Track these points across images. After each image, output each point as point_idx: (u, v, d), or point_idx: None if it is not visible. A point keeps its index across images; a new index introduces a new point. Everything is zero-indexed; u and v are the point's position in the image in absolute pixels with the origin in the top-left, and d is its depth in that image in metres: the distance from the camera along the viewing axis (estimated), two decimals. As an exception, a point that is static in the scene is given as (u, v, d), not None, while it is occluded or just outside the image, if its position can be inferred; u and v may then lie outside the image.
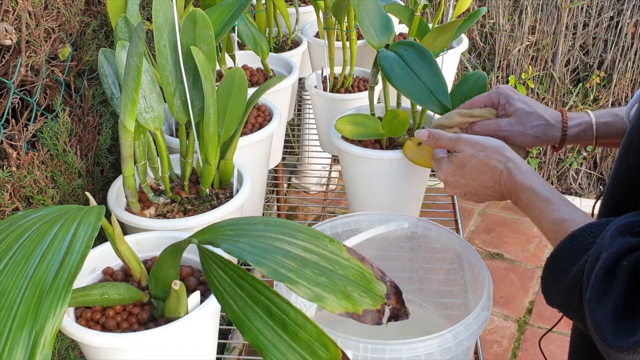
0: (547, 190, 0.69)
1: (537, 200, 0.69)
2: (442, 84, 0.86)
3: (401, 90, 0.87)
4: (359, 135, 0.97)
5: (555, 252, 0.61)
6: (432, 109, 0.86)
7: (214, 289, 0.53)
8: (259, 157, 1.02)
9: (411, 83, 0.87)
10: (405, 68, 0.88)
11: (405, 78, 0.87)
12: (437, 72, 0.86)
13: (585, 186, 2.58)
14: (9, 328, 0.41)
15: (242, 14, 0.86)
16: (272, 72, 1.24)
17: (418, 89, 0.86)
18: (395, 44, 0.91)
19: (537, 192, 0.69)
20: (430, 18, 2.43)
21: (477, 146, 0.77)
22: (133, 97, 0.66)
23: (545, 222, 0.67)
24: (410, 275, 0.96)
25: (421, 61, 0.87)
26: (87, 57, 0.93)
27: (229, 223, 0.57)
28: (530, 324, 1.96)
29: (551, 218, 0.67)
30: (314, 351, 0.46)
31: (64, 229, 0.49)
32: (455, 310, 0.89)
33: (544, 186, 0.70)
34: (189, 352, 0.63)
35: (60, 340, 0.86)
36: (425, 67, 0.87)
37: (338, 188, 2.13)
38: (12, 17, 0.73)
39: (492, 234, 2.38)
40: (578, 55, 2.41)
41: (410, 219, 0.89)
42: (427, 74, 0.87)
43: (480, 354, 0.89)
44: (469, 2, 1.15)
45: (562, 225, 0.64)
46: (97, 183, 0.95)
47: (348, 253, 0.53)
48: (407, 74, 0.87)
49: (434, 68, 0.87)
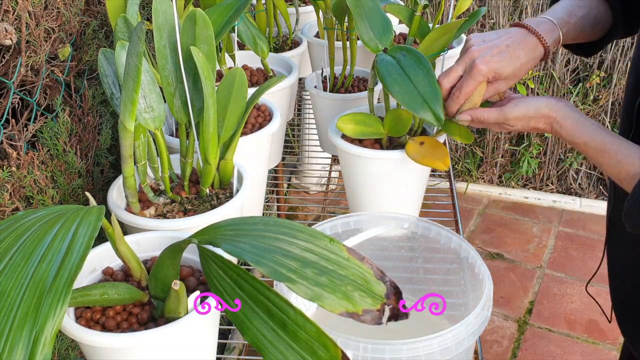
0: (598, 139, 0.74)
1: (591, 152, 0.75)
2: (436, 93, 0.85)
3: (395, 97, 0.86)
4: (361, 134, 0.97)
5: (633, 195, 0.69)
6: (425, 117, 0.86)
7: (214, 289, 0.53)
8: (259, 157, 1.02)
9: (406, 90, 0.86)
10: (401, 74, 0.87)
11: (400, 84, 0.86)
12: (433, 80, 0.86)
13: (585, 186, 2.58)
14: (9, 328, 0.41)
15: (242, 14, 0.86)
16: (272, 72, 1.24)
17: (412, 97, 0.86)
18: (394, 48, 0.90)
19: (588, 145, 0.75)
20: (431, 18, 2.43)
21: (524, 119, 0.80)
22: (133, 97, 0.66)
23: (606, 168, 0.74)
24: (410, 275, 0.96)
25: (418, 68, 0.87)
26: (87, 57, 0.93)
27: (229, 223, 0.57)
28: (530, 324, 1.96)
29: (609, 164, 0.73)
30: (313, 351, 0.46)
31: (64, 229, 0.49)
32: (455, 310, 0.89)
33: (595, 136, 0.75)
34: (189, 352, 0.63)
35: (60, 340, 0.86)
36: (421, 74, 0.86)
37: (338, 188, 2.13)
38: (12, 17, 0.73)
39: (492, 234, 2.38)
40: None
41: (410, 219, 0.89)
42: (423, 82, 0.86)
43: (480, 354, 0.89)
44: (469, 2, 1.14)
45: (622, 169, 0.72)
46: (97, 183, 0.95)
47: (348, 253, 0.53)
48: (402, 80, 0.86)
49: (430, 76, 0.86)
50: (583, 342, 1.89)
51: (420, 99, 0.85)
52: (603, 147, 0.73)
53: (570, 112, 0.77)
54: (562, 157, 2.57)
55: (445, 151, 0.93)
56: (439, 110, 0.85)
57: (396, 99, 0.86)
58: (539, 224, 2.44)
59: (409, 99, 0.85)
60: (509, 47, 0.80)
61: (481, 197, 2.63)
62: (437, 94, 0.85)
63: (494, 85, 0.82)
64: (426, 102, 0.85)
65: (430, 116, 0.85)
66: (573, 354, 1.85)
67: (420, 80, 0.86)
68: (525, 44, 0.81)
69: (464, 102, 0.83)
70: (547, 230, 2.40)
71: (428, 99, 0.85)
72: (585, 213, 2.51)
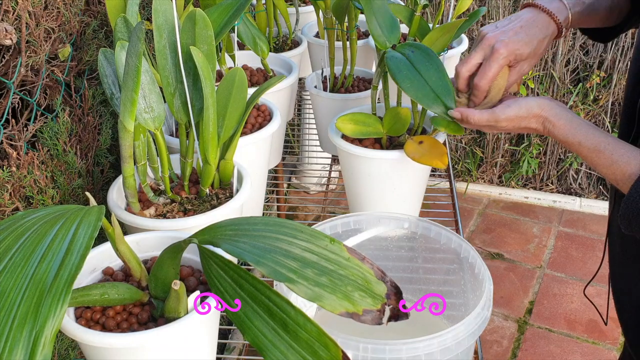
0: (592, 139, 0.73)
1: (586, 152, 0.74)
2: (448, 86, 0.86)
3: (408, 92, 0.86)
4: (360, 134, 0.97)
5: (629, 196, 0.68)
6: (438, 111, 0.86)
7: (214, 288, 0.53)
8: (259, 157, 1.02)
9: (418, 85, 0.86)
10: (412, 70, 0.87)
11: (412, 80, 0.86)
12: (444, 74, 0.86)
13: (585, 186, 2.58)
14: (9, 328, 0.41)
15: (242, 14, 0.86)
16: (272, 72, 1.24)
17: (425, 92, 0.86)
18: (402, 45, 0.91)
19: (583, 145, 0.74)
20: (431, 18, 2.43)
21: (516, 120, 0.79)
22: (133, 97, 0.66)
23: (601, 169, 0.73)
24: (410, 275, 0.96)
25: (428, 63, 0.87)
26: (87, 57, 0.93)
27: (229, 223, 0.57)
28: (530, 324, 1.96)
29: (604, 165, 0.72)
30: (314, 351, 0.46)
31: (64, 229, 0.49)
32: (455, 310, 0.89)
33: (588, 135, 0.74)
34: (189, 352, 0.63)
35: (60, 340, 0.86)
36: (432, 69, 0.87)
37: (338, 188, 2.13)
38: (12, 17, 0.73)
39: (492, 234, 2.38)
40: (578, 55, 2.41)
41: (410, 219, 0.89)
42: (434, 77, 0.86)
43: (480, 354, 0.89)
44: (469, 2, 1.14)
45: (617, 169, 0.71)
46: (97, 183, 0.95)
47: (348, 253, 0.53)
48: (413, 76, 0.87)
49: (441, 70, 0.87)
50: (583, 342, 1.89)
51: (433, 94, 0.86)
52: (598, 146, 0.72)
53: (563, 112, 0.77)
54: (562, 157, 2.57)
55: (443, 150, 0.93)
56: (452, 104, 0.86)
57: (408, 94, 0.87)
58: (539, 224, 2.44)
59: (422, 94, 0.86)
60: (523, 28, 0.81)
61: (481, 197, 2.63)
62: (449, 88, 0.86)
63: (516, 68, 0.83)
64: (438, 97, 0.86)
65: (443, 110, 0.86)
66: (573, 354, 1.85)
67: (431, 75, 0.86)
68: (538, 21, 0.82)
69: (490, 90, 0.83)
70: (547, 230, 2.40)
71: (440, 93, 0.86)
72: (585, 213, 2.51)
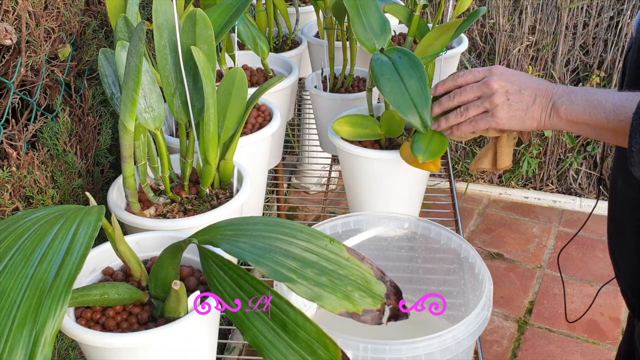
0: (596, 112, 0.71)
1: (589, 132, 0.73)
2: (426, 98, 0.86)
3: (386, 97, 0.86)
4: (357, 136, 0.97)
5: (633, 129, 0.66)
6: (411, 121, 0.86)
7: (214, 289, 0.53)
8: (259, 157, 1.02)
9: (397, 91, 0.86)
10: (394, 75, 0.87)
11: (392, 84, 0.86)
12: (425, 85, 0.86)
13: (585, 186, 2.58)
14: (9, 328, 0.41)
15: (242, 14, 0.86)
16: (272, 72, 1.24)
17: (404, 99, 0.86)
18: (390, 49, 0.90)
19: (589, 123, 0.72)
20: (430, 18, 2.43)
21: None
22: (133, 97, 0.66)
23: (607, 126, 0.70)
24: (410, 275, 0.96)
25: (412, 71, 0.87)
26: (87, 57, 0.93)
27: (228, 223, 0.57)
28: (530, 324, 1.96)
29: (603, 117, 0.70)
30: (313, 351, 0.46)
31: (64, 229, 0.49)
32: (455, 310, 0.89)
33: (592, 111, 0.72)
34: (189, 352, 0.63)
35: (60, 340, 0.86)
36: (414, 78, 0.86)
37: (338, 188, 2.13)
38: (12, 17, 0.73)
39: (492, 234, 2.38)
40: (578, 55, 2.41)
41: (410, 219, 0.89)
42: (416, 86, 0.86)
43: (480, 354, 0.89)
44: (469, 2, 1.14)
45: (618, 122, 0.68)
46: (97, 183, 0.95)
47: (348, 253, 0.53)
48: (395, 81, 0.86)
49: (423, 82, 0.86)
50: (583, 342, 1.89)
51: (410, 102, 0.86)
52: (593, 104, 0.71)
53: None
54: (562, 157, 2.57)
55: None
56: (427, 116, 0.86)
57: (386, 98, 0.86)
58: (539, 224, 2.44)
59: (399, 100, 0.86)
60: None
61: (481, 197, 2.63)
62: (427, 100, 0.86)
63: None
64: (415, 106, 0.85)
65: (418, 120, 0.86)
66: (573, 354, 1.85)
67: (412, 84, 0.86)
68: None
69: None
70: (547, 230, 2.40)
71: (418, 103, 0.85)
72: (585, 213, 2.51)
